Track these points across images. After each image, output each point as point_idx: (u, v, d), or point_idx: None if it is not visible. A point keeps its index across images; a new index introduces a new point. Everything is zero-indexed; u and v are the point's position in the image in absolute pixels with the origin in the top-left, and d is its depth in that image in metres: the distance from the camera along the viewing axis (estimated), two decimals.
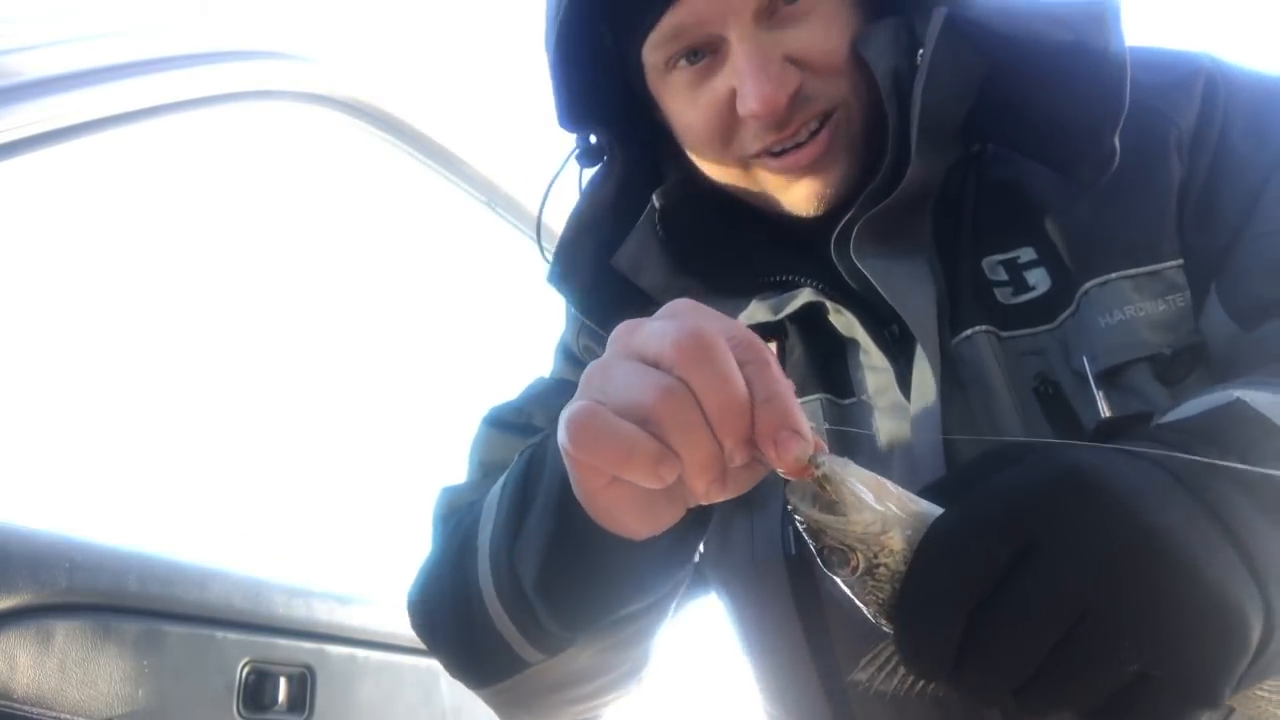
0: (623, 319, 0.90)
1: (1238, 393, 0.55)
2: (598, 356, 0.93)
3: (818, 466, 0.48)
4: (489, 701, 0.78)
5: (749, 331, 0.49)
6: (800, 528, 0.50)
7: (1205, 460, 0.47)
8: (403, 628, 1.66)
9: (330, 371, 2.20)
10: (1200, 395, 0.57)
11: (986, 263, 0.80)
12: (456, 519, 0.81)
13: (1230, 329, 0.72)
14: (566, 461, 0.51)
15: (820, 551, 0.49)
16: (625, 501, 0.52)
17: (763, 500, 0.82)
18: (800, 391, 0.84)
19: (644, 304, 0.86)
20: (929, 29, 0.75)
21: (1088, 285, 0.76)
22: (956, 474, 0.53)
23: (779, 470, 0.47)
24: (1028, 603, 0.43)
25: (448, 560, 0.76)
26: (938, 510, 0.48)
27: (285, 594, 1.45)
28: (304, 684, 1.46)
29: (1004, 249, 0.80)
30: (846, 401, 0.84)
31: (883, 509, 0.48)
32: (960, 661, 0.45)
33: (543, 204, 0.97)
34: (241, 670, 1.35)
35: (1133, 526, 0.43)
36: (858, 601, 0.50)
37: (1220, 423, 0.53)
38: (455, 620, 0.73)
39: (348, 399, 2.24)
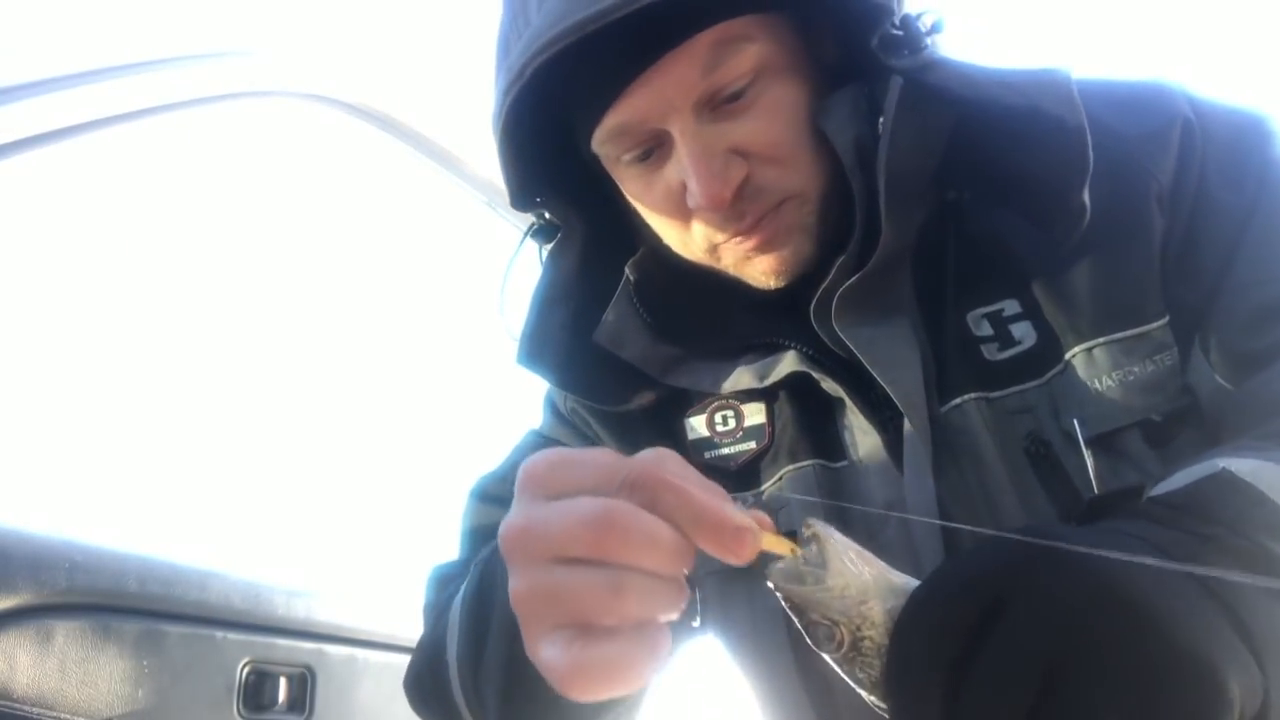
0: (607, 391, 0.89)
1: (1223, 462, 0.55)
2: (584, 419, 0.94)
3: (808, 527, 0.49)
4: None
5: (636, 464, 0.46)
6: (785, 605, 0.50)
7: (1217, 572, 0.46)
8: (402, 628, 1.67)
9: (331, 370, 2.20)
10: (1188, 465, 0.57)
11: (971, 317, 0.79)
12: (438, 611, 0.82)
13: (1215, 383, 0.72)
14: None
15: (806, 629, 0.49)
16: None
17: (757, 578, 0.82)
18: (792, 458, 0.84)
19: (626, 373, 0.86)
20: (888, 98, 0.74)
21: (1075, 350, 0.75)
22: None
23: (734, 562, 0.46)
24: (999, 659, 0.43)
25: (428, 661, 0.79)
26: (916, 582, 0.49)
27: (285, 594, 1.45)
28: (304, 684, 1.46)
29: (987, 302, 0.79)
30: (838, 465, 0.83)
31: (861, 577, 0.48)
32: None
33: (504, 283, 0.95)
34: (241, 670, 1.35)
35: (1100, 582, 0.43)
36: (852, 683, 0.50)
37: (1207, 494, 0.53)
38: (440, 715, 0.78)
39: (348, 398, 2.24)
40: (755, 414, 0.87)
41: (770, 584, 0.50)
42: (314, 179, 2.03)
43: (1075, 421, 0.73)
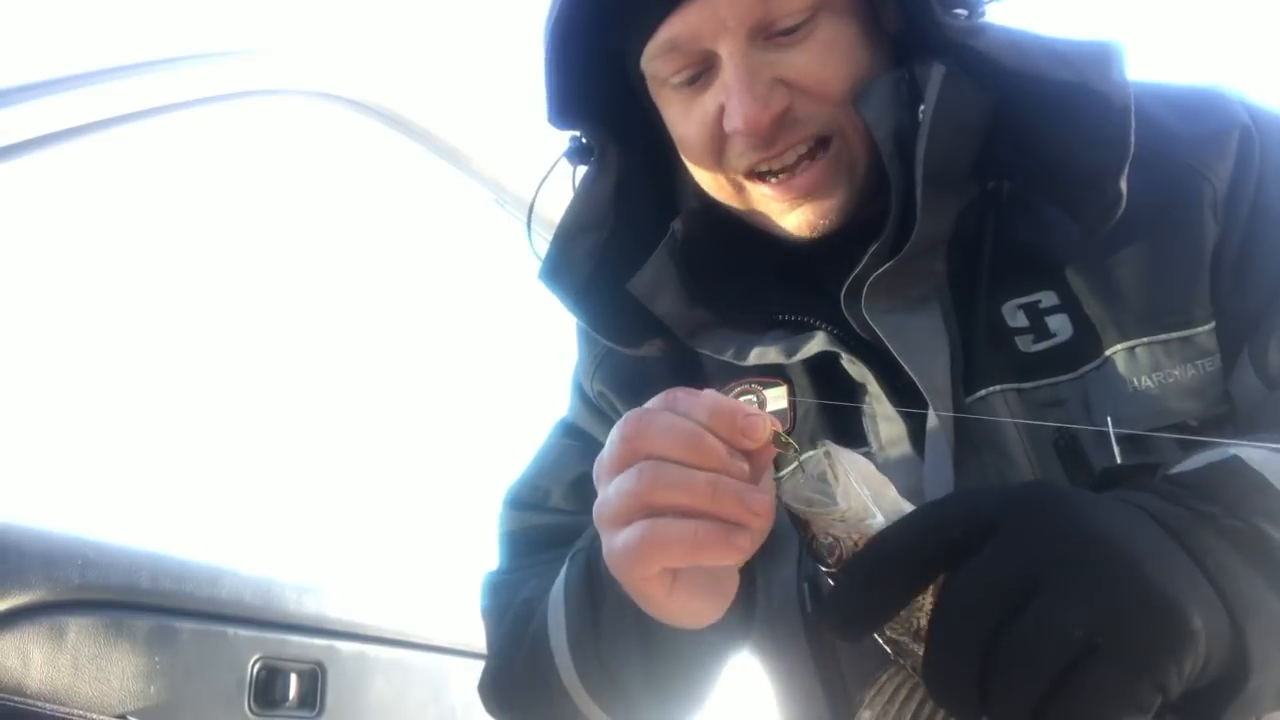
0: (619, 330, 0.91)
1: (1235, 449, 0.57)
2: (611, 403, 0.95)
3: (822, 446, 0.53)
4: None
5: (665, 393, 0.55)
6: (791, 521, 0.53)
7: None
8: (412, 624, 1.68)
9: (343, 367, 2.21)
10: (1204, 451, 0.60)
11: (1006, 308, 0.79)
12: (513, 614, 0.84)
13: (1260, 392, 0.72)
14: (632, 592, 0.55)
15: (810, 544, 0.52)
16: (692, 591, 0.55)
17: (774, 556, 0.82)
18: (814, 443, 0.83)
19: (642, 316, 0.86)
20: (928, 87, 0.74)
21: (1117, 348, 0.75)
22: None
23: (750, 446, 0.52)
24: (982, 573, 0.46)
25: (520, 656, 0.80)
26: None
27: (296, 591, 1.46)
28: (314, 680, 1.46)
29: (1024, 292, 0.78)
30: (859, 451, 0.83)
31: (867, 499, 0.51)
32: (931, 637, 0.46)
33: (533, 203, 0.96)
34: (252, 667, 1.36)
35: (1080, 518, 0.47)
36: None
37: (1215, 476, 0.55)
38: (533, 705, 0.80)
39: (359, 394, 2.25)
40: (777, 399, 0.87)
41: (781, 499, 0.53)
42: (323, 176, 2.04)
43: (1109, 419, 0.73)
